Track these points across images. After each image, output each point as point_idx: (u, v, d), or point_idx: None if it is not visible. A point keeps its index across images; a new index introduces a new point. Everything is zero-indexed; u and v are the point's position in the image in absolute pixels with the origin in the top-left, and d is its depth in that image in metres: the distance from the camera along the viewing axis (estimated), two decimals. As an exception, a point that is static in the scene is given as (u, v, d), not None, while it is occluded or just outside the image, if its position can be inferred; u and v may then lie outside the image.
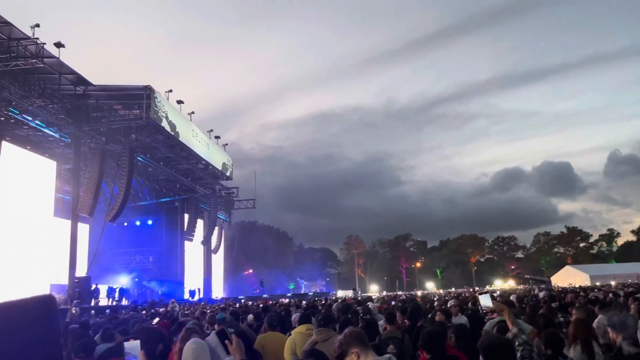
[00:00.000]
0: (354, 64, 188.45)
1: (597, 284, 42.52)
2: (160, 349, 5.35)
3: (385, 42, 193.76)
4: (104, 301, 30.51)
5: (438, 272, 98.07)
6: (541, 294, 16.00)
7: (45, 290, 25.97)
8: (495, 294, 18.07)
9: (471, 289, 52.54)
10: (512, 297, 13.45)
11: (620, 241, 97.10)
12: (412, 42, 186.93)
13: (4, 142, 22.12)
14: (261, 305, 16.27)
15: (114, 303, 30.33)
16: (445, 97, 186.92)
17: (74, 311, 14.64)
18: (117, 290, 33.29)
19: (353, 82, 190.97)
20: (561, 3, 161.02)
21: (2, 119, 23.87)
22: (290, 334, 6.25)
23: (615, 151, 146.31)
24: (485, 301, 4.43)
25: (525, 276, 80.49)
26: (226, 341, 3.68)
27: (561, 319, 7.40)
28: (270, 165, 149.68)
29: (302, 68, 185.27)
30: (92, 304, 26.56)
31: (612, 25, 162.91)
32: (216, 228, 47.89)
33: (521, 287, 54.53)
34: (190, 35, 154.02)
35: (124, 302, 32.15)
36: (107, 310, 19.96)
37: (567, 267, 74.76)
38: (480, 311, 5.04)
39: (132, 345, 3.98)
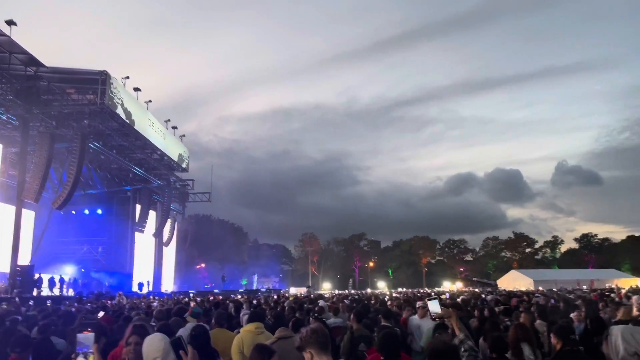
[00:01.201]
0: (318, 61, 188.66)
1: (540, 288, 44.24)
2: (102, 344, 5.17)
3: (350, 41, 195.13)
4: (47, 291, 29.40)
5: (390, 272, 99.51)
6: (489, 298, 16.45)
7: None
8: (443, 296, 18.46)
9: (421, 290, 53.58)
10: (459, 300, 13.82)
11: (563, 248, 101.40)
12: (376, 44, 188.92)
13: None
14: (214, 302, 16.03)
15: (58, 294, 29.28)
16: (405, 100, 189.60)
17: (4, 306, 13.95)
18: (62, 280, 32.11)
19: (316, 80, 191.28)
20: (521, 15, 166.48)
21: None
22: (238, 332, 6.17)
23: (563, 162, 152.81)
24: (433, 307, 4.49)
25: (473, 279, 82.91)
26: (181, 352, 3.55)
27: (508, 323, 7.62)
28: (227, 159, 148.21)
29: (265, 62, 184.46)
30: (35, 293, 25.55)
31: (566, 40, 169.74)
32: (169, 220, 46.97)
33: (469, 289, 56.04)
34: (151, 23, 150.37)
35: (69, 293, 31.09)
36: (49, 301, 19.23)
37: (512, 272, 77.35)
38: (430, 317, 5.10)
39: (86, 337, 3.86)
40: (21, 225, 27.00)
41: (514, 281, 67.31)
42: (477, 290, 45.29)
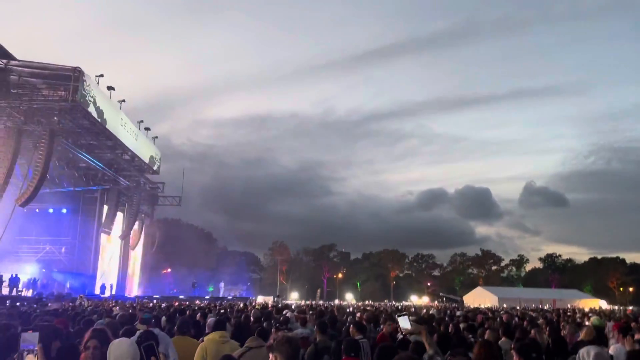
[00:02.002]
0: (296, 70, 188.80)
1: (504, 305, 44.94)
2: (56, 347, 4.99)
3: (329, 52, 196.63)
4: (5, 290, 28.44)
5: (358, 284, 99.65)
6: (458, 313, 16.60)
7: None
8: (411, 309, 18.55)
9: (389, 303, 53.80)
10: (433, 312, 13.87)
11: (528, 267, 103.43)
12: (355, 56, 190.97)
13: None
14: (179, 309, 15.75)
15: (17, 293, 28.35)
16: (381, 113, 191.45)
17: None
18: (17, 279, 31.06)
19: (293, 89, 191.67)
20: (496, 37, 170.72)
21: None
22: (202, 340, 6.05)
23: (531, 182, 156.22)
24: (403, 323, 4.47)
25: (440, 294, 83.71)
26: (152, 358, 3.48)
27: (472, 339, 7.66)
28: (200, 163, 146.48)
29: (243, 68, 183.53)
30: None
31: (538, 64, 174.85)
32: (137, 223, 46.10)
33: (435, 304, 56.50)
34: (129, 21, 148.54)
35: (27, 292, 30.13)
36: (8, 301, 18.58)
37: (479, 288, 78.41)
38: (400, 333, 5.08)
39: (31, 336, 3.79)
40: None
41: (480, 298, 68.20)
42: (445, 304, 45.75)
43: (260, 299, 56.08)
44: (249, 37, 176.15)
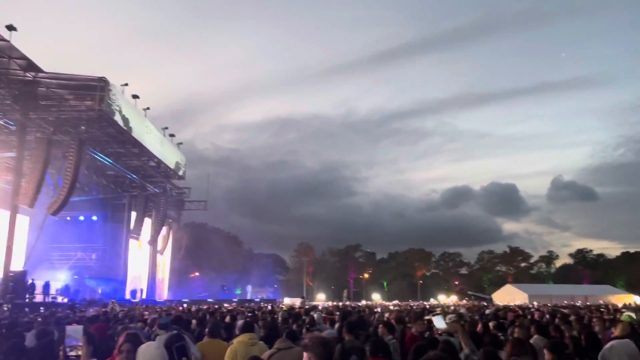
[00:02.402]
0: (316, 72, 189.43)
1: (535, 303, 44.18)
2: (90, 351, 5.12)
3: (348, 53, 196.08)
4: (39, 297, 29.16)
5: (385, 284, 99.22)
6: (487, 312, 16.40)
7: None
8: (437, 309, 18.37)
9: (416, 303, 53.40)
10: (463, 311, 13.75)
11: (558, 263, 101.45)
12: (375, 56, 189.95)
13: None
14: (209, 311, 15.94)
15: (51, 300, 29.04)
16: (402, 112, 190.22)
17: (5, 308, 13.87)
18: (55, 287, 31.88)
19: (314, 90, 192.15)
20: (518, 31, 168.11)
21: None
22: (232, 343, 6.13)
23: (559, 177, 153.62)
24: (438, 322, 4.42)
25: (468, 292, 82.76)
26: (184, 358, 3.54)
27: (501, 338, 7.57)
28: (224, 168, 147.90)
29: (264, 72, 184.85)
30: (27, 299, 25.34)
31: (561, 56, 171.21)
32: (164, 228, 46.78)
33: (464, 302, 55.87)
34: (152, 30, 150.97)
35: (61, 299, 30.83)
36: (41, 308, 19.07)
37: (507, 286, 77.28)
38: (435, 332, 5.01)
39: (75, 329, 3.87)
40: (15, 231, 26.83)
41: (509, 295, 67.21)
42: (475, 303, 45.17)
43: (287, 301, 56.32)
44: (269, 41, 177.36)
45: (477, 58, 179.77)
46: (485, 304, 45.29)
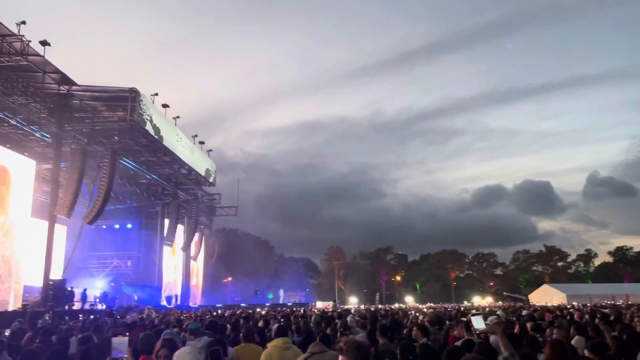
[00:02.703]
0: (342, 75, 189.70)
1: (574, 303, 43.03)
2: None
3: (374, 54, 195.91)
4: (77, 305, 29.89)
5: (417, 286, 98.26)
6: (523, 313, 16.06)
7: (20, 292, 25.43)
8: (482, 311, 18.07)
9: (450, 305, 52.68)
10: (499, 312, 13.49)
11: (597, 262, 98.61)
12: (400, 56, 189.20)
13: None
14: (243, 315, 16.07)
15: (89, 307, 29.73)
16: (430, 112, 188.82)
17: (47, 317, 14.26)
18: (92, 294, 32.65)
19: (340, 93, 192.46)
20: (546, 25, 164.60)
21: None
22: (266, 347, 6.15)
23: (595, 173, 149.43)
24: (477, 323, 4.32)
25: (504, 293, 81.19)
26: None
27: (540, 339, 7.38)
28: (253, 173, 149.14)
29: (290, 76, 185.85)
30: (66, 307, 26.01)
31: (594, 49, 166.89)
32: (197, 234, 47.43)
33: (500, 303, 54.85)
34: (178, 39, 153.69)
35: (99, 306, 31.53)
36: (80, 315, 19.54)
37: (545, 286, 75.55)
38: (473, 333, 4.90)
39: (120, 341, 3.95)
40: (54, 240, 27.63)
41: (546, 296, 65.73)
42: (511, 304, 44.30)
43: (319, 305, 56.35)
44: (294, 45, 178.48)
45: (506, 54, 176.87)
46: (522, 304, 44.34)
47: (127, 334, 4.11)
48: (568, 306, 34.06)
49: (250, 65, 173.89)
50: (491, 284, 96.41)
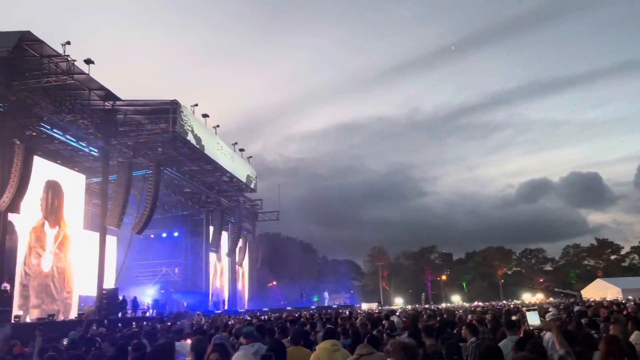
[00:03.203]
0: (377, 74, 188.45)
1: (630, 297, 41.30)
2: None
3: (408, 51, 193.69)
4: (129, 313, 30.84)
5: (464, 285, 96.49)
6: (576, 309, 15.57)
7: (75, 302, 26.48)
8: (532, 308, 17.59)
9: (501, 303, 51.52)
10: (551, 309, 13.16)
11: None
12: (436, 51, 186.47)
13: (35, 157, 22.67)
14: (289, 319, 16.22)
15: (141, 314, 30.66)
16: (469, 106, 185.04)
17: (95, 328, 14.73)
18: (143, 301, 33.66)
19: (376, 93, 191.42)
20: (587, 9, 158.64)
21: (34, 134, 24.54)
22: (315, 349, 6.20)
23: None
24: (533, 319, 4.22)
25: (555, 289, 78.69)
26: None
27: (595, 336, 7.16)
28: (292, 177, 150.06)
29: (325, 79, 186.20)
30: (120, 315, 26.90)
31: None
32: (240, 240, 48.16)
33: (551, 300, 53.27)
34: (214, 50, 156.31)
35: (149, 313, 32.45)
36: (133, 323, 20.19)
37: (598, 280, 72.86)
38: (527, 329, 4.78)
39: (183, 345, 4.06)
40: (105, 251, 28.67)
41: (600, 290, 63.34)
42: (562, 300, 42.95)
43: (364, 306, 56.19)
44: (328, 47, 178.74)
45: (546, 43, 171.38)
46: (574, 300, 42.91)
47: (189, 339, 4.23)
48: (623, 301, 32.75)
49: (285, 71, 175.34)
50: (541, 280, 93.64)
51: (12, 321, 19.18)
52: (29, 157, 21.55)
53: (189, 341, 4.12)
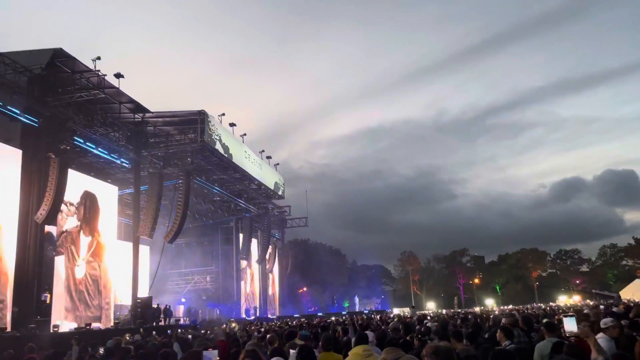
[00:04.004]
0: (402, 77, 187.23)
1: (673, 298, 39.86)
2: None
3: (433, 53, 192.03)
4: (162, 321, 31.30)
5: (497, 287, 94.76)
6: (615, 309, 15.10)
7: (110, 311, 27.05)
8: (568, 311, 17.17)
9: (537, 306, 50.42)
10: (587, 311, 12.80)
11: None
12: (461, 52, 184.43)
13: (70, 170, 23.30)
14: (321, 324, 16.22)
15: (174, 322, 31.08)
16: (498, 106, 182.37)
17: (127, 337, 14.97)
18: (176, 310, 34.10)
19: (401, 96, 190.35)
20: (618, 1, 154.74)
21: (68, 147, 25.24)
22: (347, 355, 6.19)
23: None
24: (569, 325, 4.06)
25: (592, 291, 76.57)
26: None
27: (638, 338, 6.94)
28: (320, 183, 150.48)
29: (350, 83, 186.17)
30: (154, 324, 27.32)
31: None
32: (270, 246, 48.45)
33: (588, 302, 51.80)
34: (239, 59, 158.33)
35: (182, 321, 32.85)
36: (169, 331, 20.48)
37: (637, 281, 70.49)
38: (563, 335, 4.60)
39: (211, 354, 4.11)
40: (139, 260, 29.24)
41: (640, 291, 61.26)
42: (600, 302, 41.70)
43: (396, 311, 55.72)
44: (352, 52, 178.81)
45: (575, 38, 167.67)
46: (612, 302, 41.68)
47: (215, 347, 4.29)
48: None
49: (309, 77, 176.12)
50: (577, 282, 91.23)
51: (51, 331, 19.69)
52: (63, 170, 22.18)
53: (215, 350, 4.17)
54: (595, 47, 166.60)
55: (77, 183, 25.42)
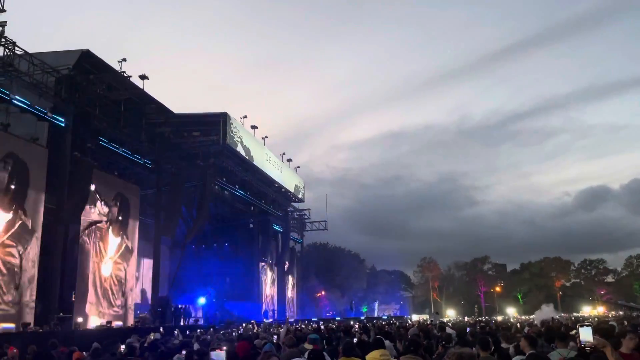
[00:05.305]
0: (425, 82, 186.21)
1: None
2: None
3: (457, 58, 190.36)
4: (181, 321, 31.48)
5: (519, 296, 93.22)
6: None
7: (131, 309, 27.31)
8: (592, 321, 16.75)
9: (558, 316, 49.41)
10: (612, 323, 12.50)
11: None
12: (486, 56, 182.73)
13: (95, 170, 23.65)
14: (341, 329, 16.11)
15: (193, 322, 31.26)
16: (522, 112, 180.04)
17: (152, 336, 15.03)
18: (195, 310, 34.28)
19: (424, 100, 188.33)
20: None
21: (94, 147, 25.65)
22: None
23: None
24: (585, 335, 3.92)
25: (618, 302, 74.78)
26: None
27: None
28: (340, 187, 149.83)
29: (372, 87, 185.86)
30: (173, 323, 27.52)
31: None
32: (289, 249, 48.49)
33: (614, 313, 50.63)
34: (261, 62, 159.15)
35: (201, 321, 33.00)
36: (187, 331, 20.60)
37: (665, 293, 68.76)
38: (578, 345, 4.44)
39: (219, 354, 4.06)
40: (160, 260, 29.49)
41: (668, 304, 59.65)
42: (627, 314, 40.71)
43: (415, 317, 55.21)
44: (374, 55, 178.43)
45: (602, 45, 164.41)
46: (638, 314, 40.62)
47: (224, 347, 4.23)
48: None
49: (331, 80, 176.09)
50: (602, 292, 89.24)
51: (73, 328, 19.97)
52: (89, 170, 22.53)
53: (223, 350, 4.11)
54: (624, 54, 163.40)
55: (106, 182, 25.73)
